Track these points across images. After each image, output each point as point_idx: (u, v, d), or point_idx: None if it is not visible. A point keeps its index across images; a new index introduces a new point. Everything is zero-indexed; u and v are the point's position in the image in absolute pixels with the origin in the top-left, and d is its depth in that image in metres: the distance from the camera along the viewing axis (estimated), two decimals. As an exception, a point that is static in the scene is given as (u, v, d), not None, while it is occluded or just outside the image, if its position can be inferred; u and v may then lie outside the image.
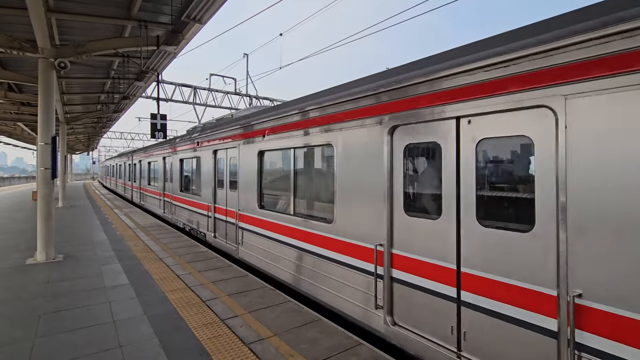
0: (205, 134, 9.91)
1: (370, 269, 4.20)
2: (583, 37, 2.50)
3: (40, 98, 7.37)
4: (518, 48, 2.87)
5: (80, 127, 27.01)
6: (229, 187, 8.26)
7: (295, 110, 5.75)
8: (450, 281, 3.42)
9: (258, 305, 4.91)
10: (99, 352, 3.63)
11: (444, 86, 3.46)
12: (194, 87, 19.62)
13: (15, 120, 18.43)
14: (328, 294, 4.92)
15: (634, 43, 2.29)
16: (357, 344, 3.86)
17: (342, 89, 4.93)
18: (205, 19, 7.53)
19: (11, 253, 7.78)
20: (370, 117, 4.28)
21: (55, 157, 7.36)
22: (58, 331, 4.10)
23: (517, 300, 2.89)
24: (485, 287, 3.12)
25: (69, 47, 7.92)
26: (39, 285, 5.68)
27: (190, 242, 9.19)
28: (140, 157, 19.71)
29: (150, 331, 4.10)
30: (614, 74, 2.37)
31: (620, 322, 2.33)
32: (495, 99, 3.05)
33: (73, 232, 10.42)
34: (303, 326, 4.28)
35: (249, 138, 7.31)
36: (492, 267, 3.09)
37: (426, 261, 3.64)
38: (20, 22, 7.43)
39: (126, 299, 5.13)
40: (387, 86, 4.05)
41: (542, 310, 2.73)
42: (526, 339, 2.81)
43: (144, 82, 12.98)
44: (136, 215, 14.38)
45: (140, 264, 7.01)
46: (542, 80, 2.74)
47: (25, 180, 52.22)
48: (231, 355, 3.60)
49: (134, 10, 7.50)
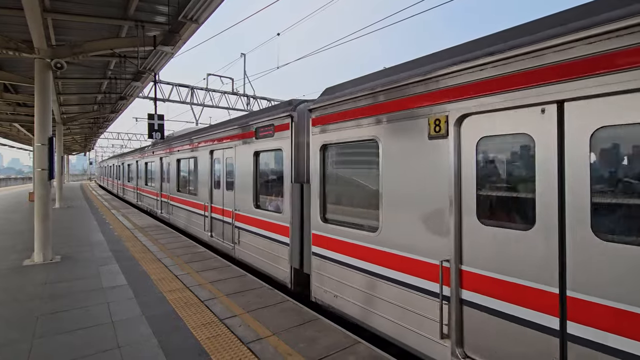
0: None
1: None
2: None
3: (36, 99, 7.34)
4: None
5: (77, 128, 26.89)
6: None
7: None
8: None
9: (256, 305, 4.92)
10: (98, 353, 3.63)
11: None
12: (191, 87, 19.57)
13: (11, 121, 18.34)
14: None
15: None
16: (355, 343, 3.88)
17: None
18: (202, 19, 7.52)
19: (8, 254, 7.74)
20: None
21: (52, 158, 7.33)
22: (56, 332, 4.09)
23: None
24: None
25: (66, 48, 7.90)
26: (37, 287, 5.67)
27: (188, 242, 9.19)
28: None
29: (148, 331, 4.10)
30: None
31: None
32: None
33: (70, 233, 10.39)
34: (301, 325, 4.30)
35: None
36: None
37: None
38: (16, 22, 7.40)
39: (124, 299, 5.13)
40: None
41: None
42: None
43: (141, 82, 12.93)
44: (134, 216, 14.34)
45: (138, 264, 7.00)
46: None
47: (22, 181, 51.96)
48: (230, 354, 3.61)
49: (130, 11, 7.48)
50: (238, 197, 7.71)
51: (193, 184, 10.71)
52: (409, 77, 3.75)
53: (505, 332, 2.94)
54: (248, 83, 21.85)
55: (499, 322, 2.99)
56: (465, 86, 3.21)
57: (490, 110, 3.04)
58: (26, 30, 6.89)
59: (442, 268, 3.37)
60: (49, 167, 7.23)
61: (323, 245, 5.07)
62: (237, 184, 7.76)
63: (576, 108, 2.54)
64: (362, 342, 3.91)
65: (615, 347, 2.34)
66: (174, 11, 7.48)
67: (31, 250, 7.41)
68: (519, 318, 2.85)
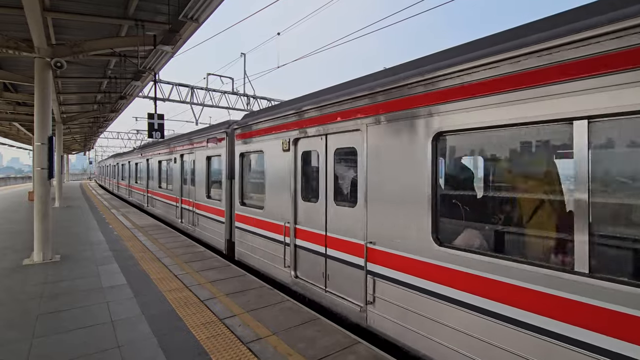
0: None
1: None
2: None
3: (36, 98, 7.33)
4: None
5: (77, 127, 26.87)
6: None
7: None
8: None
9: (256, 305, 4.92)
10: (98, 353, 3.63)
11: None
12: (191, 86, 19.55)
13: (11, 120, 18.33)
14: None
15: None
16: (355, 343, 3.88)
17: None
18: (203, 19, 7.51)
19: (7, 254, 7.74)
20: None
21: (52, 157, 7.32)
22: (56, 332, 4.09)
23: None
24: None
25: (66, 47, 7.88)
26: (36, 286, 5.66)
27: (187, 241, 9.19)
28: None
29: (148, 331, 4.10)
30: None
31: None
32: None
33: (70, 233, 10.38)
34: (301, 325, 4.30)
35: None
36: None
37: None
38: (16, 21, 7.40)
39: (124, 299, 5.12)
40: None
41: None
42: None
43: (140, 81, 12.93)
44: (133, 215, 14.34)
45: (138, 264, 7.00)
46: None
47: (22, 180, 51.89)
48: (229, 354, 3.61)
49: (130, 10, 7.48)
50: (197, 191, 10.03)
51: (170, 180, 13.21)
52: (275, 117, 6.16)
53: (309, 259, 5.38)
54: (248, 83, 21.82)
55: (307, 254, 5.43)
56: (296, 122, 5.63)
57: (307, 137, 5.41)
58: (26, 29, 6.89)
59: (284, 227, 5.82)
60: (49, 167, 7.23)
61: (241, 220, 7.41)
62: (197, 181, 10.08)
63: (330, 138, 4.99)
64: (362, 342, 3.91)
65: (338, 257, 4.78)
66: (174, 10, 7.47)
67: (31, 250, 7.41)
68: (313, 250, 5.29)
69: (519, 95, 2.84)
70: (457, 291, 3.26)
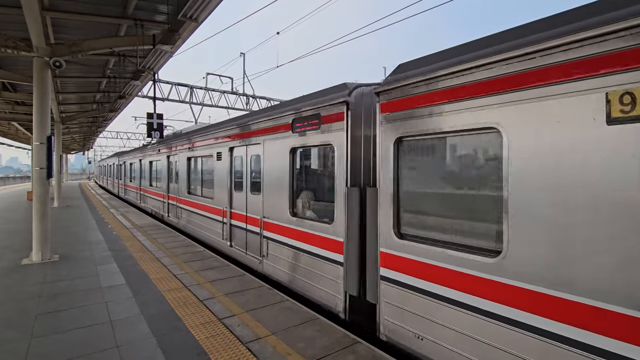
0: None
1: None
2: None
3: (35, 97, 7.31)
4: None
5: (76, 127, 26.82)
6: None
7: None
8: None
9: (255, 305, 4.92)
10: (96, 353, 3.62)
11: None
12: (190, 86, 19.54)
13: (9, 120, 18.29)
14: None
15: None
16: (354, 343, 3.88)
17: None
18: (202, 18, 7.49)
19: (6, 253, 7.72)
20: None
21: (51, 157, 7.31)
22: (54, 331, 4.08)
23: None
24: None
25: (64, 46, 7.86)
26: (35, 286, 5.65)
27: (187, 241, 9.18)
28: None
29: (147, 331, 4.10)
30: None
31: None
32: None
33: (69, 232, 10.36)
34: (300, 325, 4.30)
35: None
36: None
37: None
38: (15, 20, 7.37)
39: (123, 299, 5.12)
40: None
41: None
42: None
43: (140, 81, 12.89)
44: (132, 215, 14.32)
45: (137, 263, 6.99)
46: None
47: (20, 180, 51.80)
48: (229, 354, 3.61)
49: (129, 9, 7.46)
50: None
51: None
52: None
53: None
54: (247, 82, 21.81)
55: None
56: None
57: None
58: (25, 29, 6.86)
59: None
60: (48, 166, 7.21)
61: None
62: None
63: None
64: (361, 341, 3.91)
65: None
66: (174, 10, 7.46)
67: (29, 250, 7.39)
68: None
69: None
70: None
